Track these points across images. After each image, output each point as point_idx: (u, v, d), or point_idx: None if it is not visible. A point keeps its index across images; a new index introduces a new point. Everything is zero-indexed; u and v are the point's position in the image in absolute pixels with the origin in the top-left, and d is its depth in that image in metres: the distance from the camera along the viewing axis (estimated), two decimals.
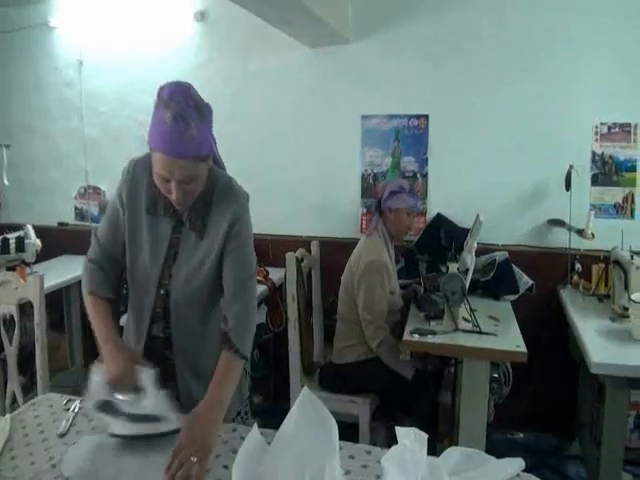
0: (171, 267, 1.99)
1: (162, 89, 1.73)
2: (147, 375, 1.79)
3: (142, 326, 2.05)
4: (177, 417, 1.74)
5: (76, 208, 4.87)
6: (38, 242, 3.92)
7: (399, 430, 1.39)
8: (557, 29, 3.73)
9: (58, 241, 4.55)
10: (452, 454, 1.60)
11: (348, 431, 1.58)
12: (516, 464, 1.63)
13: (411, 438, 1.37)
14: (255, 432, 1.63)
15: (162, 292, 2.00)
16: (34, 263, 3.95)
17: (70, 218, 4.91)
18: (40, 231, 4.08)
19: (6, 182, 4.43)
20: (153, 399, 1.77)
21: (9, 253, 3.77)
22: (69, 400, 2.09)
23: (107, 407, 1.80)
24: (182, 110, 1.67)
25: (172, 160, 1.71)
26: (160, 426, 1.75)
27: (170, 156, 1.70)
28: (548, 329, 3.81)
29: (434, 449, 1.37)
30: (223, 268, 2.02)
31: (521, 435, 4.07)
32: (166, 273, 1.99)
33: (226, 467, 1.65)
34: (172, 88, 1.71)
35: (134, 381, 1.79)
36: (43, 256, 4.13)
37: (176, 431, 1.68)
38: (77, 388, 4.13)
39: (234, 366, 1.91)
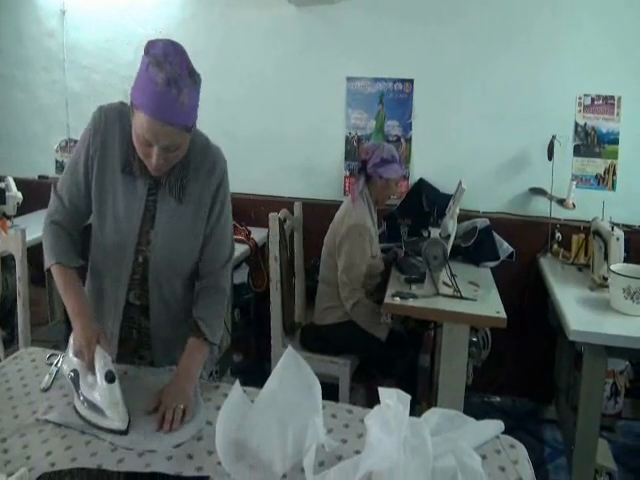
0: (149, 232, 1.90)
1: (153, 45, 1.62)
2: (102, 362, 1.69)
3: (119, 293, 1.96)
4: (118, 417, 1.65)
5: (57, 161, 4.80)
6: (19, 195, 3.87)
7: (382, 391, 1.40)
8: None
9: (39, 195, 4.45)
10: (433, 415, 1.62)
11: (328, 391, 1.59)
12: (496, 426, 1.67)
13: (394, 399, 1.38)
14: (238, 389, 1.64)
15: (140, 259, 1.92)
16: (14, 216, 3.91)
17: (51, 171, 4.84)
18: (20, 184, 4.03)
19: None
20: (100, 392, 1.68)
21: None
22: (52, 355, 2.07)
23: (75, 377, 1.75)
24: (177, 75, 1.58)
25: (159, 125, 1.61)
26: (102, 421, 1.65)
27: (158, 121, 1.60)
28: (527, 296, 3.87)
29: (413, 411, 1.39)
30: (206, 245, 1.97)
31: (498, 399, 4.16)
32: (144, 238, 1.90)
33: (210, 423, 1.67)
34: (166, 47, 1.61)
35: (91, 362, 1.70)
36: (23, 209, 4.07)
37: (115, 431, 1.63)
38: (57, 343, 4.14)
39: (203, 349, 1.91)
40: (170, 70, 1.57)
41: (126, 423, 1.65)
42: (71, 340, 1.80)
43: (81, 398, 1.71)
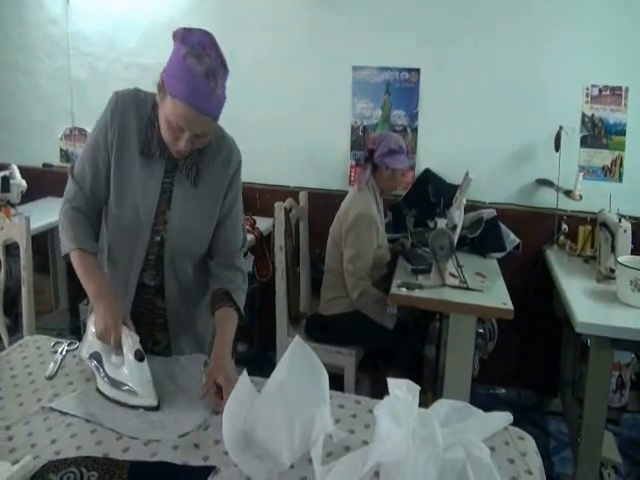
0: (165, 212, 1.94)
1: (188, 34, 1.67)
2: (129, 342, 1.72)
3: (132, 274, 1.99)
4: (150, 394, 1.70)
5: (61, 150, 4.79)
6: (23, 183, 3.86)
7: (391, 381, 1.39)
8: None
9: (43, 183, 4.47)
10: (441, 406, 1.61)
11: (333, 382, 1.59)
12: (504, 418, 1.66)
13: (403, 389, 1.37)
14: (245, 379, 1.63)
15: (157, 238, 1.96)
16: (18, 205, 3.90)
17: (55, 159, 4.83)
18: (24, 172, 4.01)
19: None
20: (129, 370, 1.71)
21: None
22: (57, 342, 2.07)
23: (97, 359, 1.78)
24: (215, 67, 1.66)
25: (195, 114, 1.68)
26: (132, 399, 1.70)
27: (194, 109, 1.66)
28: (533, 287, 3.84)
29: (419, 402, 1.38)
30: (221, 231, 2.03)
31: (503, 390, 4.15)
32: (160, 218, 1.94)
33: (216, 412, 1.66)
34: (202, 38, 1.67)
35: (118, 342, 1.73)
36: (27, 198, 4.06)
37: (147, 408, 1.68)
38: (61, 331, 4.14)
39: (234, 318, 1.97)
40: (209, 62, 1.65)
41: (157, 399, 1.69)
42: (90, 324, 1.82)
43: (105, 379, 1.74)
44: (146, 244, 1.95)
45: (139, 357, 1.71)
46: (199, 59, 1.63)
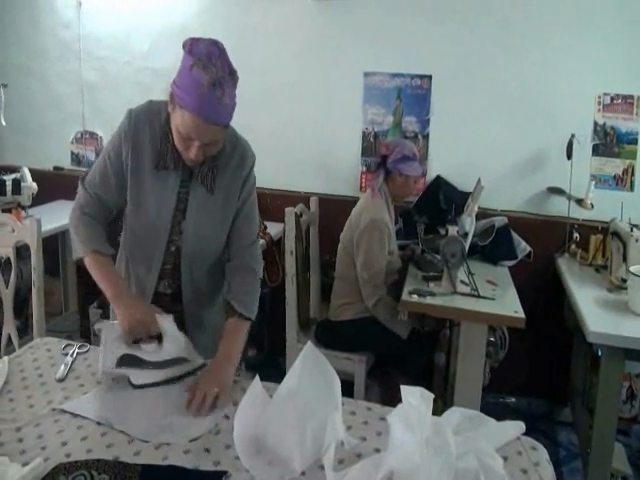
0: (181, 223, 1.97)
1: (196, 44, 1.69)
2: (166, 321, 1.85)
3: (149, 283, 2.04)
4: (197, 356, 1.88)
5: (72, 153, 4.80)
6: (34, 185, 3.86)
7: (404, 389, 1.39)
8: None
9: (53, 185, 4.47)
10: (453, 415, 1.61)
11: (342, 388, 1.58)
12: (516, 427, 1.65)
13: (417, 397, 1.37)
14: (257, 384, 1.63)
15: (173, 248, 2.00)
16: (29, 207, 3.90)
17: (66, 163, 4.84)
18: (35, 175, 4.01)
19: (3, 123, 4.33)
20: (175, 342, 1.84)
21: (5, 195, 3.70)
22: (67, 345, 2.08)
23: (127, 361, 1.82)
24: (221, 77, 1.66)
25: (203, 124, 1.70)
26: (184, 367, 1.84)
27: (202, 120, 1.68)
28: (544, 296, 3.81)
29: None
30: (232, 228, 2.05)
31: (513, 399, 4.11)
32: (176, 229, 1.97)
33: (227, 417, 1.66)
34: (210, 49, 1.68)
35: (155, 329, 1.83)
36: (38, 200, 4.06)
37: (199, 368, 1.86)
38: (71, 333, 4.14)
39: (241, 328, 1.97)
40: (214, 72, 1.65)
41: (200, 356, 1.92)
42: (108, 331, 1.85)
43: (149, 367, 1.81)
44: (162, 254, 1.99)
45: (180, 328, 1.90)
46: (205, 69, 1.64)
